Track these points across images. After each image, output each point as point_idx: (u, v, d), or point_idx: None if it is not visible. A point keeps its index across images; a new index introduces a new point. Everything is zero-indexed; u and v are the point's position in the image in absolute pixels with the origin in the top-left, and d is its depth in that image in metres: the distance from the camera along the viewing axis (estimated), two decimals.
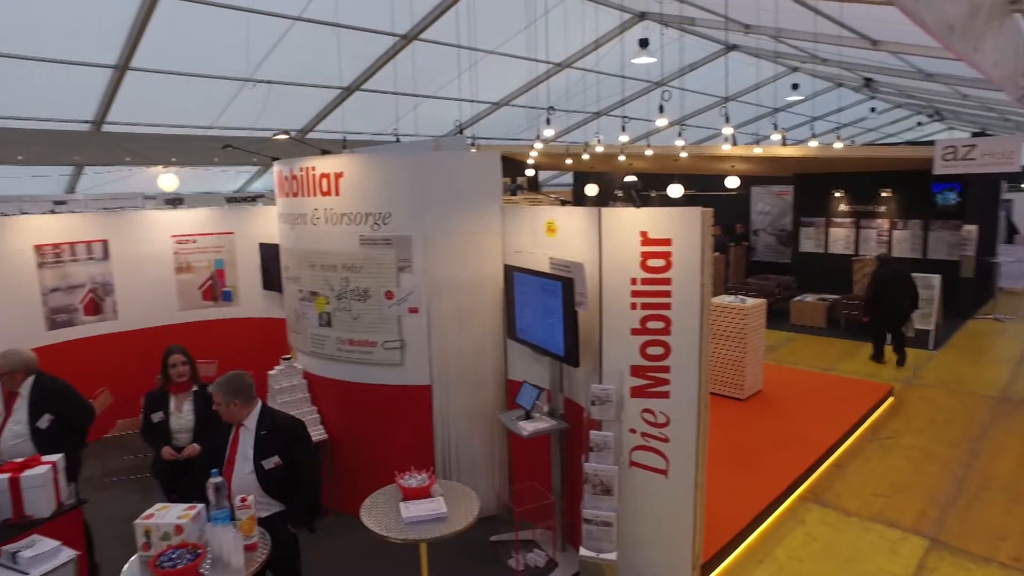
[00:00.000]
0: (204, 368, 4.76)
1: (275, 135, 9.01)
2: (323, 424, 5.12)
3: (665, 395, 3.82)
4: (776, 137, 11.97)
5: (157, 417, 4.29)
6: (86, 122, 10.84)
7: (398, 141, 12.99)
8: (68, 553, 3.25)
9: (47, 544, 3.24)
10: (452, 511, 3.43)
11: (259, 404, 3.54)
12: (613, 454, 3.83)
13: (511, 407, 4.75)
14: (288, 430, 3.52)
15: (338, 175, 4.75)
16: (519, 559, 4.42)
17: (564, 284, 3.94)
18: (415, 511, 3.36)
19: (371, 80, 11.71)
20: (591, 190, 15.47)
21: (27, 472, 3.44)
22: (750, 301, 7.51)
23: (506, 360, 4.95)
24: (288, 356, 5.26)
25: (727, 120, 10.17)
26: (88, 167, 12.70)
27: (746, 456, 5.83)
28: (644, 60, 9.41)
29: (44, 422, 4.07)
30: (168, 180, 12.77)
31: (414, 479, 3.57)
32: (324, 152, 5.23)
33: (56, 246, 6.41)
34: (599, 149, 12.40)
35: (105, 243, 6.72)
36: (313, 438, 4.94)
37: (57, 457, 3.60)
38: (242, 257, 7.27)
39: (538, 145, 12.53)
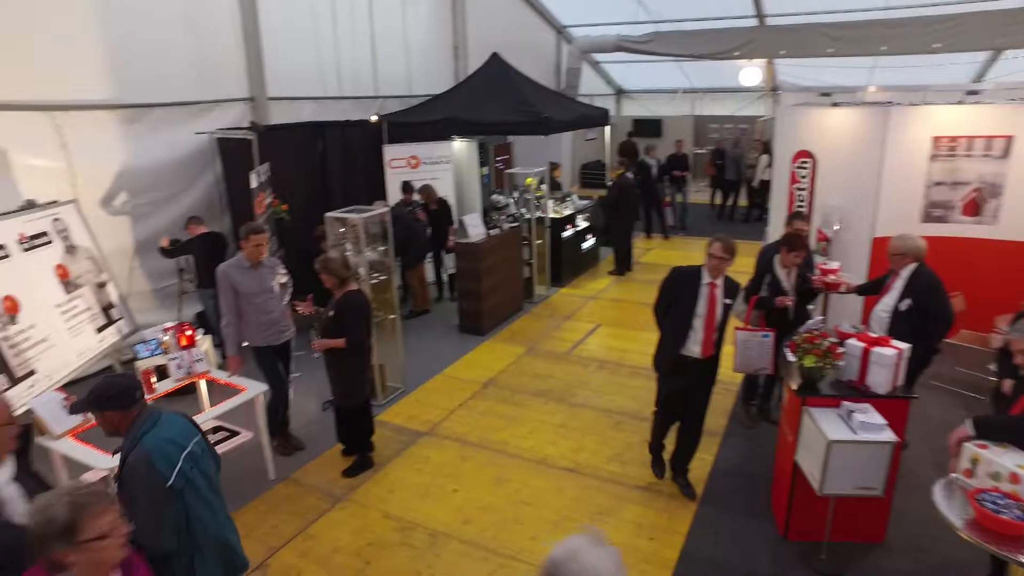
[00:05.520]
0: None
1: None
2: None
3: None
4: None
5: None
6: None
7: None
8: (891, 434, 3.43)
9: (876, 418, 3.50)
10: None
11: None
12: None
13: None
14: None
15: None
16: None
17: None
18: None
19: None
20: None
21: (876, 349, 3.74)
22: None
23: None
24: None
25: None
26: (1007, 50, 11.56)
27: None
28: None
29: (904, 304, 4.40)
30: None
31: None
32: None
33: (953, 139, 6.24)
34: None
35: (1009, 140, 6.09)
36: None
37: (906, 346, 3.76)
38: None
39: None
